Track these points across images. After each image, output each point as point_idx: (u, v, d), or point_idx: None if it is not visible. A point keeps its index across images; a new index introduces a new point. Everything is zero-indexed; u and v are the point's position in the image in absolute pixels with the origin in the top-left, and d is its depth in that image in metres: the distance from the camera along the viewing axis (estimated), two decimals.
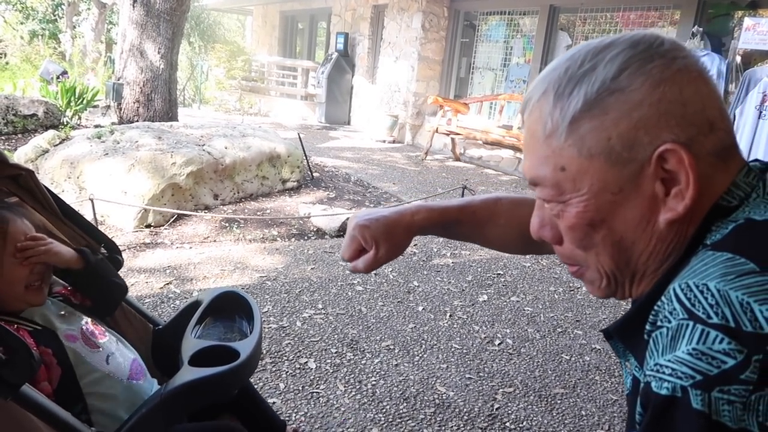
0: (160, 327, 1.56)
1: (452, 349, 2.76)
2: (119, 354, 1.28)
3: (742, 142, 4.49)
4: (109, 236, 1.53)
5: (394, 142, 9.49)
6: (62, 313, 1.26)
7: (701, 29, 5.50)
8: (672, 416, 0.48)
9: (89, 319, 1.31)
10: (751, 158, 0.63)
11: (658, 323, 0.53)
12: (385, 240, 0.87)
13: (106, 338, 1.29)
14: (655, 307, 0.54)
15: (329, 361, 2.57)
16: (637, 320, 0.61)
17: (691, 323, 0.49)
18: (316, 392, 2.32)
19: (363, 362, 2.58)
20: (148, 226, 4.11)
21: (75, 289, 1.35)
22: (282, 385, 2.34)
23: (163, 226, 4.15)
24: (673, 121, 0.55)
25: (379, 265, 0.88)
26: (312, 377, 2.43)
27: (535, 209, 0.67)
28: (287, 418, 2.13)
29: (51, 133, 5.09)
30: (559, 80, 0.59)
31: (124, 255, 1.53)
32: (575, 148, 0.58)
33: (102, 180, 4.23)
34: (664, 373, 0.49)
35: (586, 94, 0.57)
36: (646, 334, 0.55)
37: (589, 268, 0.64)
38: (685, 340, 0.49)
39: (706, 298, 0.49)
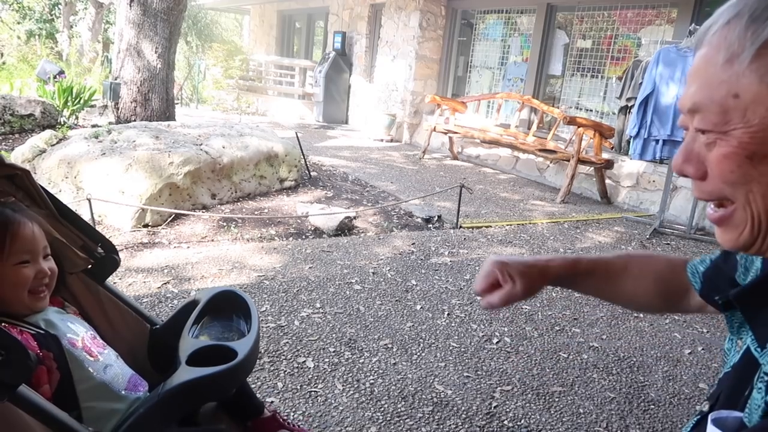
0: (158, 326, 1.56)
1: (450, 348, 2.77)
2: (117, 366, 1.28)
3: None
4: (107, 236, 1.53)
5: (391, 141, 9.49)
6: (66, 320, 1.26)
7: (698, 27, 5.51)
8: None
9: (92, 331, 1.31)
10: None
11: None
12: (521, 278, 0.89)
13: (106, 350, 1.29)
14: None
15: (327, 360, 2.57)
16: None
17: None
18: (314, 391, 2.32)
19: (361, 361, 2.58)
20: (146, 225, 4.10)
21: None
22: (280, 385, 2.34)
23: (161, 225, 4.15)
24: None
25: (514, 300, 0.89)
26: (310, 376, 2.43)
27: (683, 143, 0.63)
28: (286, 417, 2.13)
29: (48, 132, 5.08)
30: (758, 3, 0.55)
31: (121, 255, 1.53)
32: (757, 75, 0.54)
33: (99, 180, 4.22)
34: None
35: None
36: None
37: (737, 209, 0.59)
38: None
39: None
